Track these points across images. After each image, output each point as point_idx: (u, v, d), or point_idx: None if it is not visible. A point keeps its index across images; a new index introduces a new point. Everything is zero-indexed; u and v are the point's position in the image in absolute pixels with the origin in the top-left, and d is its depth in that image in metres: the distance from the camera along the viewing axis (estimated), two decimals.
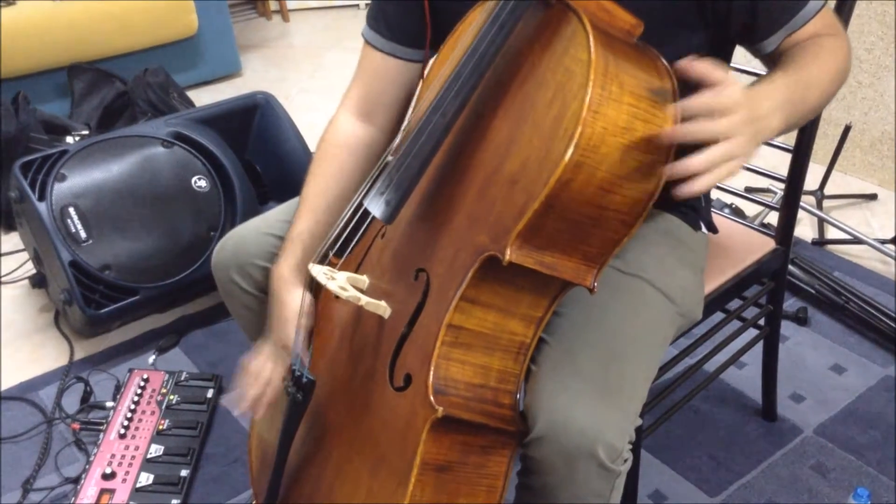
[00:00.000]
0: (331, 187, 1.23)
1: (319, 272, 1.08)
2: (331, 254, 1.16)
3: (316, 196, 1.22)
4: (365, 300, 1.04)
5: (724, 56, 1.20)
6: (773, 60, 1.10)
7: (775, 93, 0.95)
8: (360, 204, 1.09)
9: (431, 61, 1.16)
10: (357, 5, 4.25)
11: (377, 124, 1.27)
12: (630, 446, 1.02)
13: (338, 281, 1.07)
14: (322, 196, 1.22)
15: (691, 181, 0.85)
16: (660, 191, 0.90)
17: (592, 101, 0.86)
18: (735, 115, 0.86)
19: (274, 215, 1.32)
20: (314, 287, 1.18)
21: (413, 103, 1.23)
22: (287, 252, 1.20)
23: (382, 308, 1.06)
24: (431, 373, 0.96)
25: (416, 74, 1.25)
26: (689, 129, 0.86)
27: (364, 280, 1.12)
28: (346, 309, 1.15)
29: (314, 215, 1.21)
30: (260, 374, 1.21)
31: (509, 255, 0.91)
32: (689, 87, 0.89)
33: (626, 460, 1.01)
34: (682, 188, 0.86)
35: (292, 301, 1.18)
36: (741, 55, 1.20)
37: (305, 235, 1.20)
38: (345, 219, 1.15)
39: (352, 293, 1.04)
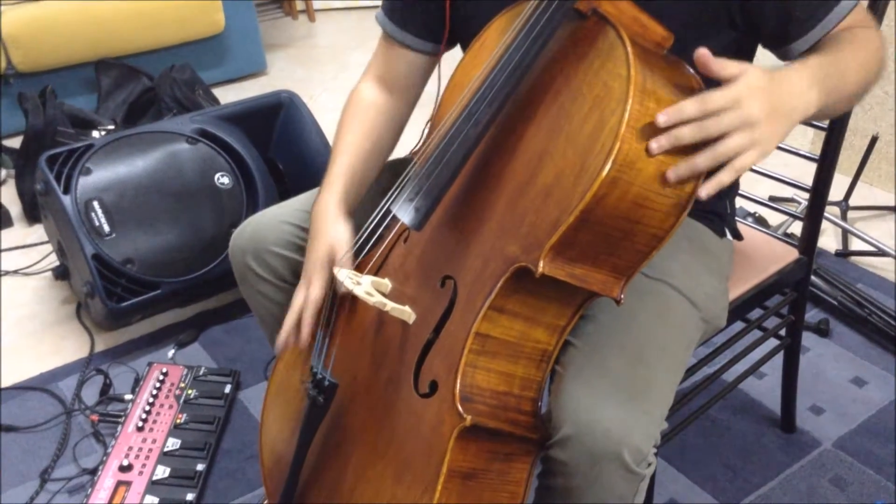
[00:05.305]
0: (365, 139, 1.27)
1: (345, 276, 1.08)
2: (357, 260, 1.17)
3: (350, 145, 1.26)
4: (391, 306, 1.05)
5: (747, 59, 1.19)
6: None
7: (809, 70, 0.93)
8: (388, 210, 1.10)
9: (455, 65, 1.17)
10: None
11: (398, 97, 1.32)
12: (655, 450, 1.02)
13: (363, 286, 1.07)
14: (357, 145, 1.26)
15: (711, 179, 0.86)
16: (691, 205, 0.90)
17: (631, 116, 0.85)
18: (744, 106, 0.85)
19: (293, 204, 1.33)
20: (336, 289, 1.18)
21: (436, 102, 1.24)
22: (329, 187, 1.22)
23: (407, 314, 1.06)
24: (459, 380, 0.96)
25: (431, 64, 1.29)
26: (684, 131, 0.85)
27: (387, 284, 1.12)
28: (368, 311, 1.15)
29: (350, 159, 1.25)
30: (294, 303, 1.19)
31: (542, 267, 0.91)
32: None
33: (650, 464, 1.01)
34: (703, 187, 0.86)
35: (337, 231, 1.18)
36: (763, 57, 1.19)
37: (347, 173, 1.23)
38: (371, 225, 1.16)
39: (377, 299, 1.04)
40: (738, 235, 1.38)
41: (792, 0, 1.04)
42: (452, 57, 1.23)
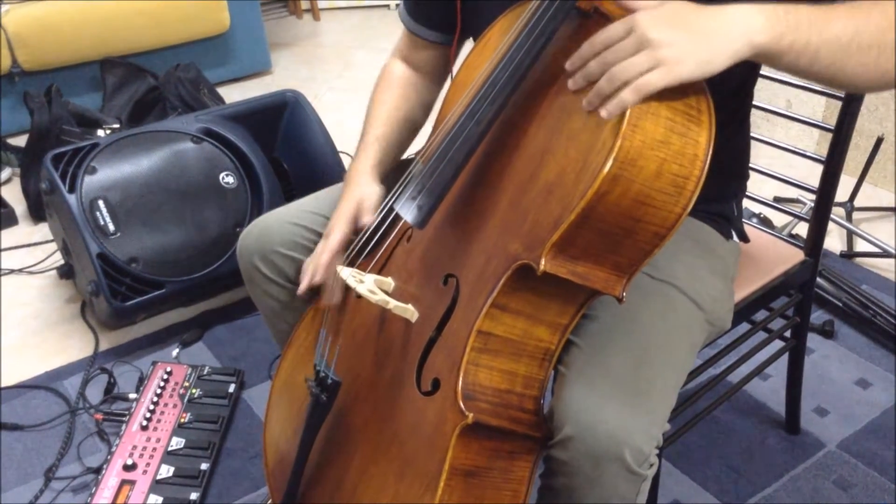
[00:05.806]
0: (396, 109, 1.31)
1: (349, 275, 1.08)
2: (360, 258, 1.17)
3: (383, 114, 1.31)
4: (393, 304, 1.05)
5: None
6: None
7: (760, 6, 0.87)
8: (391, 208, 1.10)
9: (459, 63, 1.17)
10: (388, 6, 4.27)
11: (425, 76, 1.37)
12: (657, 451, 1.01)
13: (366, 284, 1.07)
14: (389, 115, 1.31)
15: (612, 98, 0.86)
16: (693, 203, 0.90)
17: (632, 114, 0.86)
18: (640, 29, 0.86)
19: (300, 205, 1.34)
20: (342, 288, 1.18)
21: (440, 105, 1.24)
22: (364, 152, 1.27)
23: (410, 312, 1.06)
24: (461, 378, 0.96)
25: (447, 54, 1.33)
26: (591, 66, 0.88)
27: (390, 282, 1.13)
28: (371, 310, 1.15)
29: (383, 129, 1.29)
30: (315, 252, 1.22)
31: (544, 264, 0.91)
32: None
33: (652, 465, 1.01)
34: (604, 108, 0.87)
35: (366, 190, 1.22)
36: None
37: (381, 140, 1.28)
38: (375, 223, 1.16)
39: (380, 297, 1.05)
40: (744, 238, 1.37)
41: None
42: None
